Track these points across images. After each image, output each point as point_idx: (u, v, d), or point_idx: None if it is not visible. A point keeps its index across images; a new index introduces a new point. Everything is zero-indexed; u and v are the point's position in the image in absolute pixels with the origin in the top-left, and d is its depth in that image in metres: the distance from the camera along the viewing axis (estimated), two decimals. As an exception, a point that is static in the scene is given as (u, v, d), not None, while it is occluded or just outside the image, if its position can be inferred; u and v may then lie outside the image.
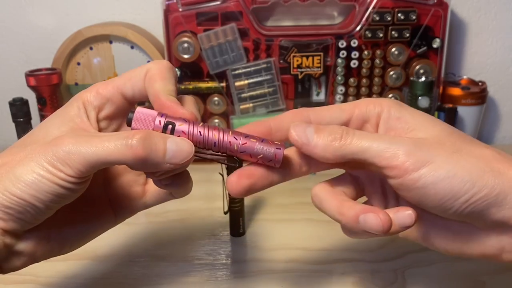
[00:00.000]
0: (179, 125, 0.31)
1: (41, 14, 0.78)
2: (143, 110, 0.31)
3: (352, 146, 0.30)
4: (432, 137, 0.31)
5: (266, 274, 0.46)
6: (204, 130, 0.32)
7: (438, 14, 0.67)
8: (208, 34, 0.67)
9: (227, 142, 0.33)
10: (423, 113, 0.33)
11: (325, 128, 0.31)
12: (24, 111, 0.68)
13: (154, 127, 0.31)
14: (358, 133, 0.31)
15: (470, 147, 0.30)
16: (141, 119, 0.31)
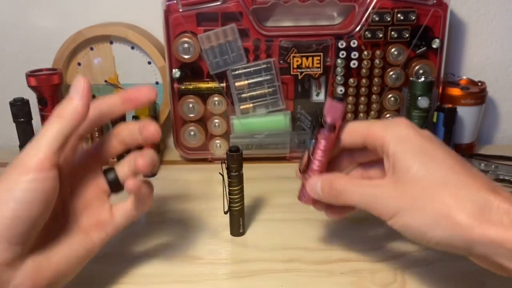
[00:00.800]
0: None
1: (42, 15, 0.78)
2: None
3: (341, 196, 0.40)
4: (407, 183, 0.35)
5: (266, 274, 0.46)
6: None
7: (438, 15, 0.67)
8: (208, 34, 0.67)
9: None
10: (416, 152, 0.36)
11: (327, 179, 0.41)
12: (24, 111, 0.69)
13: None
14: (349, 185, 0.39)
15: (437, 196, 0.33)
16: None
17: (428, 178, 0.34)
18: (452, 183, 0.33)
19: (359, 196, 0.38)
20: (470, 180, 0.33)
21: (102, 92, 0.76)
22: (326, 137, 0.42)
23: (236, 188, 0.51)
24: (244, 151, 0.50)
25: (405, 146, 0.36)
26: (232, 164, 0.50)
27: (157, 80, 0.77)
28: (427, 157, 0.35)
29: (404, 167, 0.36)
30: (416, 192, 0.34)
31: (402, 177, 0.36)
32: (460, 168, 0.35)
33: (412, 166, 0.35)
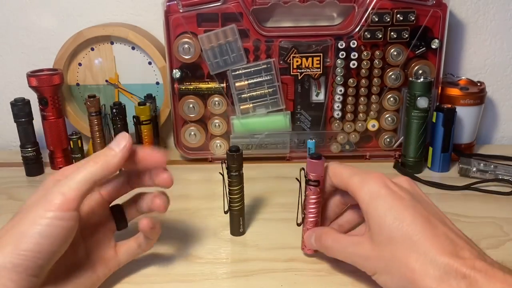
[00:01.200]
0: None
1: (43, 15, 0.79)
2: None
3: (331, 252, 0.44)
4: (380, 245, 0.38)
5: (266, 273, 0.46)
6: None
7: (437, 15, 0.67)
8: (208, 35, 0.67)
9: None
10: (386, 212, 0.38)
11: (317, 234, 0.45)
12: (25, 112, 0.69)
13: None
14: (335, 244, 0.43)
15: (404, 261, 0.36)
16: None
17: (396, 242, 0.36)
18: (417, 248, 0.35)
19: (343, 254, 0.42)
20: (434, 243, 0.35)
21: (103, 92, 0.77)
22: (314, 192, 0.46)
23: (236, 188, 0.51)
24: (244, 151, 0.50)
25: (376, 205, 0.38)
26: (232, 164, 0.50)
27: (157, 80, 0.77)
28: (396, 220, 0.37)
29: (376, 227, 0.38)
30: (387, 255, 0.37)
31: (375, 237, 0.38)
32: (427, 228, 0.36)
33: (383, 228, 0.37)
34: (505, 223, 0.55)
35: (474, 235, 0.51)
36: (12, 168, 0.74)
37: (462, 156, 0.69)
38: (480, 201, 0.61)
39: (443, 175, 0.69)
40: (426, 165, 0.71)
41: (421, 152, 0.68)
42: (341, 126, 0.72)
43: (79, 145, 0.72)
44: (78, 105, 0.78)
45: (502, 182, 0.64)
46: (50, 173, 0.73)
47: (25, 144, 0.70)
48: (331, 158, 0.74)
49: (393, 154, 0.74)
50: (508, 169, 0.66)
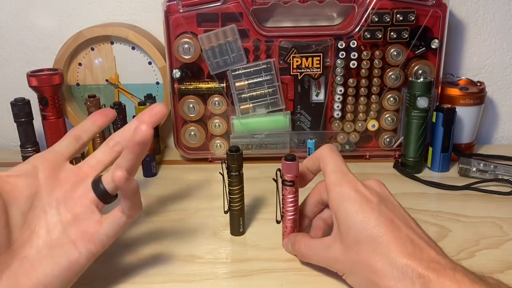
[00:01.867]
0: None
1: (43, 15, 0.79)
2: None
3: (305, 258, 0.46)
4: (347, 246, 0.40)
5: (266, 273, 0.46)
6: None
7: (437, 15, 0.67)
8: (208, 35, 0.67)
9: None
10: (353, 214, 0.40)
11: (292, 241, 0.48)
12: (25, 112, 0.69)
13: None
14: (307, 251, 0.45)
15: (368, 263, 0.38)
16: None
17: (362, 244, 0.38)
18: (380, 250, 0.37)
19: (315, 258, 0.44)
20: (396, 245, 0.37)
21: (103, 92, 0.77)
22: (290, 192, 0.47)
23: (236, 187, 0.51)
24: (244, 151, 0.50)
25: (345, 207, 0.40)
26: (232, 164, 0.50)
27: (157, 80, 0.77)
28: (361, 223, 0.39)
29: (344, 228, 0.40)
30: (354, 256, 0.39)
31: (344, 239, 0.40)
32: (390, 231, 0.38)
33: (350, 230, 0.39)
34: (505, 223, 0.55)
35: (474, 235, 0.52)
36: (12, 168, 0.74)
37: (462, 156, 0.69)
38: (480, 201, 0.61)
39: (443, 175, 0.69)
40: (426, 165, 0.71)
41: (421, 152, 0.68)
42: (341, 126, 0.72)
43: (79, 145, 0.72)
44: (78, 105, 0.78)
45: (502, 182, 0.64)
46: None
47: (25, 144, 0.70)
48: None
49: (393, 154, 0.74)
50: (508, 169, 0.66)
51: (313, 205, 0.48)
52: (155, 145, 0.72)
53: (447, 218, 0.56)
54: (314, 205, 0.48)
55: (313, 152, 0.68)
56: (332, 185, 0.42)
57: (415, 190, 0.64)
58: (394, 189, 0.45)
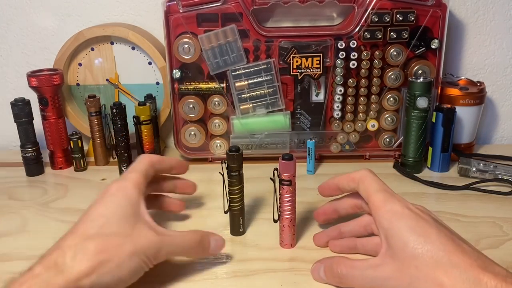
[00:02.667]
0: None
1: (43, 15, 0.79)
2: None
3: (344, 283, 0.43)
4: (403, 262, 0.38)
5: (266, 273, 0.47)
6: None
7: (437, 15, 0.67)
8: (208, 35, 0.67)
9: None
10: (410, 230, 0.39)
11: (327, 267, 0.44)
12: (26, 112, 0.69)
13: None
14: (347, 274, 0.42)
15: (431, 277, 0.36)
16: None
17: (422, 258, 0.37)
18: (445, 263, 0.36)
19: (361, 279, 0.41)
20: (462, 258, 0.36)
21: (103, 92, 0.77)
22: (287, 191, 0.48)
23: (236, 187, 0.51)
24: (244, 151, 0.50)
25: (400, 224, 0.39)
26: (232, 164, 0.50)
27: (157, 81, 0.77)
28: (421, 237, 0.38)
29: (399, 244, 0.39)
30: (412, 272, 0.37)
31: (398, 254, 0.38)
32: (452, 245, 0.37)
33: (407, 245, 0.38)
34: (505, 223, 0.55)
35: (474, 235, 0.52)
36: (12, 168, 0.74)
37: (462, 156, 0.69)
38: (480, 201, 0.61)
39: (442, 175, 0.69)
40: (425, 165, 0.71)
41: (420, 152, 0.68)
42: (341, 126, 0.72)
43: (79, 145, 0.72)
44: (78, 105, 0.78)
45: (502, 182, 0.64)
46: (50, 173, 0.73)
47: (25, 144, 0.70)
48: (331, 158, 0.75)
49: (393, 154, 0.74)
50: (507, 169, 0.66)
51: (348, 205, 0.48)
52: (155, 145, 0.72)
53: (447, 218, 0.56)
54: (350, 206, 0.48)
55: (313, 152, 0.69)
56: (382, 202, 0.42)
57: (415, 190, 0.64)
58: (394, 189, 0.45)
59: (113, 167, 0.73)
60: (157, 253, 0.41)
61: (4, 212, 0.60)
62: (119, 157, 0.70)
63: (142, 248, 0.40)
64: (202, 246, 0.46)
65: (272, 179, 0.49)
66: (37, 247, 0.51)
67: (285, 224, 0.49)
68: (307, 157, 0.70)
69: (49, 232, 0.55)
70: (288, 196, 0.48)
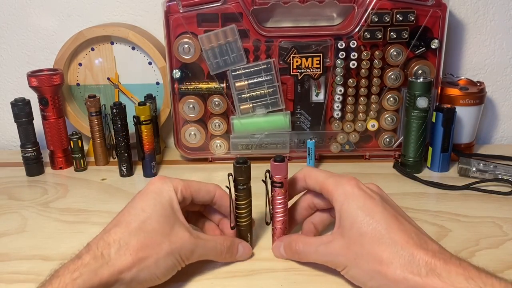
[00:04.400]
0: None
1: (43, 16, 0.79)
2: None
3: (302, 258, 0.46)
4: (350, 239, 0.41)
5: (266, 273, 0.47)
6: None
7: (437, 15, 0.67)
8: (208, 35, 0.67)
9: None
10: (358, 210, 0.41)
11: (287, 244, 0.47)
12: (26, 112, 0.69)
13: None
14: (306, 248, 0.45)
15: (373, 254, 0.39)
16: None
17: (367, 236, 0.40)
18: (386, 240, 0.39)
19: (315, 255, 0.45)
20: (400, 235, 0.39)
21: (103, 92, 0.77)
22: (279, 193, 0.47)
23: (243, 202, 0.47)
24: (244, 151, 0.50)
25: (350, 204, 0.42)
26: (239, 177, 0.45)
27: (157, 80, 0.77)
28: (367, 216, 0.40)
29: (348, 223, 0.41)
30: (357, 249, 0.40)
31: (347, 233, 0.41)
32: (394, 224, 0.40)
33: (355, 223, 0.41)
34: (505, 223, 0.55)
35: (474, 235, 0.52)
36: (12, 168, 0.74)
37: (462, 156, 0.69)
38: (480, 201, 0.61)
39: (442, 175, 0.69)
40: (425, 165, 0.71)
41: (420, 152, 0.68)
42: (341, 126, 0.72)
43: (79, 145, 0.72)
44: (78, 105, 0.78)
45: (502, 182, 0.64)
46: (50, 173, 0.73)
47: (25, 144, 0.70)
48: (331, 158, 0.75)
49: (393, 154, 0.74)
50: (507, 169, 0.66)
51: (303, 209, 0.50)
52: (155, 145, 0.72)
53: (447, 218, 0.56)
54: (304, 208, 0.50)
55: (313, 152, 0.69)
56: (334, 186, 0.44)
57: (415, 190, 0.64)
58: (394, 189, 0.45)
59: (113, 167, 0.73)
60: (191, 254, 0.43)
61: (4, 212, 0.60)
62: (119, 157, 0.70)
63: (178, 248, 0.42)
64: (231, 252, 0.47)
65: (264, 181, 0.47)
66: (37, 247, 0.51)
67: (277, 227, 0.49)
68: (307, 157, 0.70)
69: (49, 232, 0.55)
70: (280, 199, 0.47)
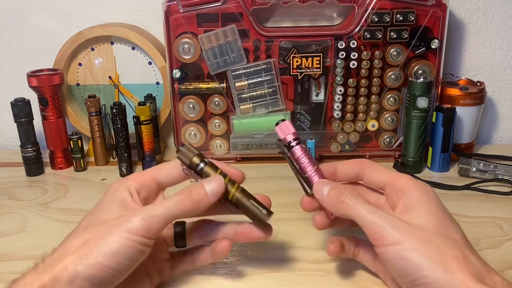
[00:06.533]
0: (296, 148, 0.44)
1: (43, 16, 0.79)
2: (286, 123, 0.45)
3: (349, 209, 0.39)
4: (419, 224, 0.37)
5: (266, 273, 0.47)
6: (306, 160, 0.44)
7: (437, 15, 0.67)
8: (208, 35, 0.67)
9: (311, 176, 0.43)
10: (428, 199, 0.39)
11: (338, 188, 0.41)
12: (26, 112, 0.69)
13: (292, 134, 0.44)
14: (359, 201, 0.39)
15: (442, 241, 0.36)
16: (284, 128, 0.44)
17: (441, 226, 0.37)
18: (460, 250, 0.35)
19: (367, 215, 0.38)
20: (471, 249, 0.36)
21: (103, 92, 0.77)
22: (300, 150, 0.44)
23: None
24: (244, 151, 0.50)
25: (427, 200, 0.39)
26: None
27: (157, 80, 0.77)
28: (442, 219, 0.38)
29: (421, 215, 0.38)
30: (425, 236, 0.36)
31: (419, 219, 0.38)
32: (464, 245, 0.37)
33: (429, 213, 0.38)
34: (505, 223, 0.55)
35: (474, 235, 0.52)
36: (12, 168, 0.74)
37: (462, 156, 0.69)
38: (480, 201, 0.61)
39: (443, 175, 0.69)
40: (425, 165, 0.71)
41: (420, 152, 0.68)
42: (341, 126, 0.72)
43: (79, 145, 0.72)
44: (78, 105, 0.78)
45: (502, 182, 0.64)
46: (50, 173, 0.73)
47: (25, 144, 0.70)
48: (331, 158, 0.75)
49: (393, 154, 0.74)
50: (507, 169, 0.66)
51: (347, 174, 0.45)
52: (155, 145, 0.72)
53: (447, 218, 0.56)
54: (348, 175, 0.45)
55: (313, 152, 0.69)
56: (410, 181, 0.41)
57: (415, 190, 0.64)
58: (394, 189, 0.44)
59: (113, 167, 0.73)
60: (146, 227, 0.37)
61: (4, 212, 0.60)
62: (119, 157, 0.70)
63: (121, 225, 0.36)
64: (197, 193, 0.40)
65: (281, 152, 0.44)
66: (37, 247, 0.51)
67: (314, 179, 0.44)
68: (307, 157, 0.70)
69: (49, 232, 0.55)
70: (304, 155, 0.43)
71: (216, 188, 0.40)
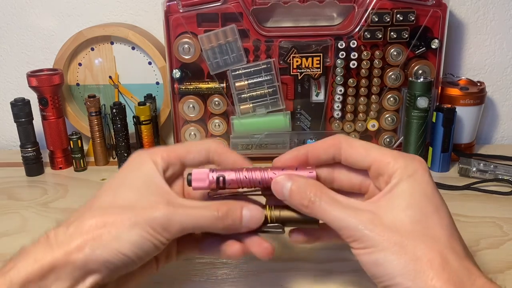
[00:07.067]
0: (228, 175, 0.38)
1: (43, 15, 0.79)
2: (198, 171, 0.38)
3: (317, 211, 0.36)
4: (396, 221, 0.34)
5: (266, 273, 0.46)
6: (248, 173, 0.38)
7: (437, 15, 0.67)
8: (208, 35, 0.67)
9: (269, 178, 0.38)
10: (411, 185, 0.35)
11: (298, 191, 0.36)
12: (25, 112, 0.69)
13: (209, 182, 0.38)
14: (324, 202, 0.35)
15: (418, 243, 0.33)
16: (198, 178, 0.38)
17: (424, 223, 0.34)
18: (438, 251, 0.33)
19: (338, 218, 0.35)
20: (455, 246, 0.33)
21: (103, 92, 0.77)
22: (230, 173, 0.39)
23: None
24: (244, 151, 0.50)
25: (409, 186, 0.35)
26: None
27: (157, 80, 0.77)
28: (424, 212, 0.35)
29: (400, 210, 0.34)
30: (400, 239, 0.33)
31: (393, 218, 0.34)
32: (446, 240, 0.34)
33: (408, 215, 0.34)
34: (505, 223, 0.55)
35: (474, 235, 0.52)
36: (12, 168, 0.74)
37: (462, 156, 0.69)
38: (480, 201, 0.61)
39: (443, 175, 0.69)
40: (426, 165, 0.71)
41: (421, 152, 0.68)
42: (341, 126, 0.72)
43: (79, 145, 0.72)
44: (78, 105, 0.78)
45: (502, 182, 0.64)
46: (50, 173, 0.73)
47: (25, 144, 0.70)
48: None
49: (393, 154, 0.74)
50: (508, 169, 0.66)
51: (322, 159, 0.39)
52: (155, 145, 0.72)
53: (447, 218, 0.56)
54: (323, 160, 0.39)
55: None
56: (395, 158, 0.36)
57: (415, 190, 0.64)
58: (394, 189, 0.44)
59: (113, 167, 0.73)
60: (167, 225, 0.35)
61: (4, 212, 0.60)
62: (119, 157, 0.70)
63: (145, 219, 0.35)
64: (232, 218, 0.37)
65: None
66: (37, 247, 0.51)
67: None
68: (307, 157, 0.69)
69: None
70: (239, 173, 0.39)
71: (254, 222, 0.38)
